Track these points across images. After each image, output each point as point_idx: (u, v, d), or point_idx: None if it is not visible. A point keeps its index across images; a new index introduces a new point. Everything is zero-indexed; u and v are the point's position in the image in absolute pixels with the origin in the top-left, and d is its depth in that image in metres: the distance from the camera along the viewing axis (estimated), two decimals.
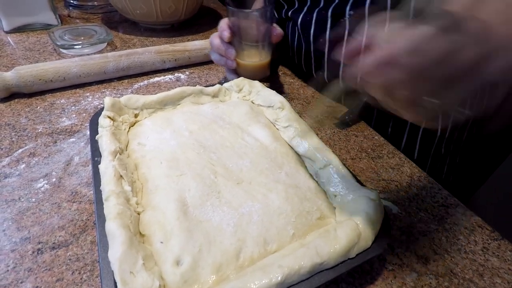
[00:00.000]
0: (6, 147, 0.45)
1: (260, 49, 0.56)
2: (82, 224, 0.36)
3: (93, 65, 0.60)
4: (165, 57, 0.66)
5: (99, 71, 0.60)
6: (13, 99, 0.54)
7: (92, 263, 0.32)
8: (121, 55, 0.62)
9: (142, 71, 0.65)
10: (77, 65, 0.58)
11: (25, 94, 0.55)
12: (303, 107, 0.59)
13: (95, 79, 0.61)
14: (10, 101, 0.54)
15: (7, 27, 0.75)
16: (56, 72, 0.57)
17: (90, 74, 0.59)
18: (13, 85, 0.54)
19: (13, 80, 0.53)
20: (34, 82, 0.55)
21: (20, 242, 0.33)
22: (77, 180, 0.41)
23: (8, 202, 0.37)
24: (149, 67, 0.65)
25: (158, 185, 0.35)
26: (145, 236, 0.31)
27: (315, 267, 0.27)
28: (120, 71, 0.62)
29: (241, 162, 0.39)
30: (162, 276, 0.27)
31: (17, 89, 0.54)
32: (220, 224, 0.32)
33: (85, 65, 0.59)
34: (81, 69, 0.58)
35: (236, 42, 0.55)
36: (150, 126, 0.44)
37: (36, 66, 0.56)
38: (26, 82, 0.54)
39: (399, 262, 0.35)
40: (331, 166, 0.38)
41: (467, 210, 0.41)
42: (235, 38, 0.55)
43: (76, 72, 0.58)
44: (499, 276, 0.34)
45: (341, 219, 0.34)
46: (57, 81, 0.57)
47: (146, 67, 0.65)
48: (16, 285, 0.30)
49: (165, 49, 0.66)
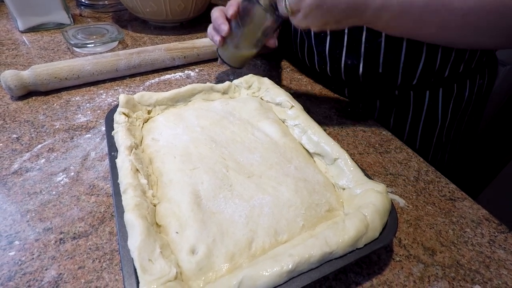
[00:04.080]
0: (26, 142, 0.47)
1: (253, 43, 0.55)
2: (101, 215, 0.38)
3: (105, 63, 0.61)
4: (175, 55, 0.67)
5: (112, 69, 0.62)
6: (31, 97, 0.57)
7: (111, 252, 0.34)
8: (132, 53, 0.64)
9: (153, 68, 0.66)
10: (90, 63, 0.60)
11: (41, 92, 0.57)
12: (312, 103, 0.60)
13: (107, 77, 0.62)
14: (28, 99, 0.56)
15: (22, 26, 0.77)
16: (71, 70, 0.58)
17: (103, 71, 0.61)
18: (30, 84, 0.55)
19: (30, 79, 0.55)
20: (50, 80, 0.57)
21: (43, 232, 0.35)
22: (94, 174, 0.43)
23: (31, 194, 0.39)
24: (159, 64, 0.67)
25: (172, 179, 0.37)
26: (161, 226, 0.32)
27: (325, 256, 0.29)
28: (132, 69, 0.64)
29: (252, 156, 0.40)
30: (179, 264, 0.29)
31: (34, 87, 0.56)
32: (232, 215, 0.33)
33: (98, 63, 0.61)
34: (94, 67, 0.60)
35: (235, 25, 0.53)
36: (163, 122, 0.45)
37: (51, 64, 0.58)
38: (43, 81, 0.56)
39: (406, 253, 0.36)
40: (339, 160, 0.39)
41: (474, 203, 0.42)
42: (236, 20, 0.52)
43: (90, 70, 0.60)
44: (505, 268, 0.35)
45: (349, 212, 0.35)
46: (72, 79, 0.59)
47: (156, 64, 0.66)
48: (41, 272, 0.32)
49: (174, 47, 0.68)
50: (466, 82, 0.60)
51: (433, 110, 0.61)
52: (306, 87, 0.65)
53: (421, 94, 0.60)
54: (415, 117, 0.62)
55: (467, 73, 0.60)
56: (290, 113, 0.48)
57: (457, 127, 0.65)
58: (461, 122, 0.65)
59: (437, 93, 0.59)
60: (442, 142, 0.65)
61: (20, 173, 0.42)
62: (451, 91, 0.60)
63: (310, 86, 0.66)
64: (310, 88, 0.65)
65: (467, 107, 0.63)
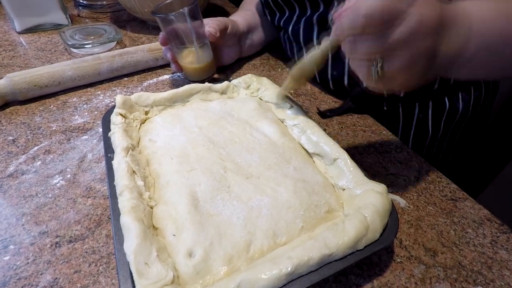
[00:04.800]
0: (22, 144, 0.46)
1: (196, 49, 0.57)
2: (97, 218, 0.37)
3: (87, 67, 0.59)
4: (157, 55, 0.66)
5: (94, 73, 0.60)
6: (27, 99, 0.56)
7: (107, 255, 0.33)
8: (114, 55, 0.62)
9: (136, 69, 0.65)
10: (71, 68, 0.58)
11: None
12: (311, 103, 0.60)
13: (90, 81, 0.61)
14: (24, 101, 0.55)
15: (19, 27, 0.77)
16: (51, 76, 0.56)
17: (85, 76, 0.59)
18: (7, 93, 0.52)
19: (6, 88, 0.52)
20: (29, 88, 0.54)
21: (39, 236, 0.35)
22: (91, 176, 0.42)
23: (26, 197, 0.39)
24: (143, 65, 0.65)
25: (170, 180, 0.36)
26: (158, 229, 0.32)
27: (324, 258, 0.28)
28: (115, 71, 0.62)
29: (250, 157, 0.40)
30: (176, 267, 0.28)
31: (11, 97, 0.53)
32: (230, 217, 0.33)
33: (79, 67, 0.58)
34: (76, 72, 0.58)
35: (173, 46, 0.58)
36: (160, 123, 0.45)
37: (29, 72, 0.55)
38: (21, 89, 0.53)
39: (407, 254, 0.35)
40: (339, 160, 0.39)
41: (476, 203, 0.41)
42: (171, 42, 0.57)
43: (71, 76, 0.57)
44: (507, 269, 0.34)
45: (349, 213, 0.34)
46: (52, 85, 0.56)
47: (140, 65, 0.65)
48: (36, 276, 0.31)
49: (156, 47, 0.67)
50: (458, 94, 0.59)
51: (424, 122, 0.60)
52: (305, 86, 0.65)
53: (411, 106, 0.59)
54: (406, 124, 0.61)
55: (458, 86, 0.59)
56: (289, 113, 0.48)
57: (450, 138, 0.65)
58: (455, 133, 0.65)
59: (427, 105, 0.58)
60: (433, 153, 0.65)
61: (15, 176, 0.42)
62: (442, 103, 0.59)
63: (310, 86, 0.65)
64: (310, 88, 0.65)
65: (462, 119, 0.62)
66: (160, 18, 0.53)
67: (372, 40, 0.28)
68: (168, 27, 0.54)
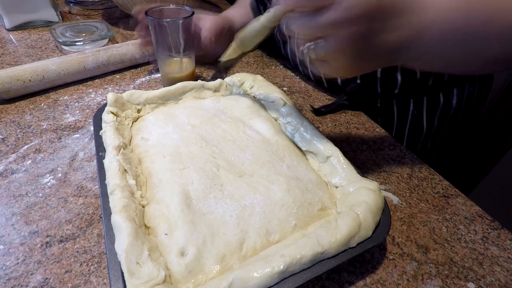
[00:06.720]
0: (12, 143, 0.46)
1: (180, 59, 0.56)
2: (89, 217, 0.37)
3: (71, 61, 0.58)
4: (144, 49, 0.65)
5: (79, 67, 0.59)
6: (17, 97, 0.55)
7: (99, 255, 0.33)
8: (99, 49, 0.62)
9: (123, 65, 0.64)
10: (55, 63, 0.57)
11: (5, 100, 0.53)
12: (304, 100, 0.60)
13: (78, 78, 0.60)
14: (14, 99, 0.54)
15: (8, 24, 0.76)
16: (34, 71, 0.55)
17: (70, 71, 0.58)
18: None
19: None
20: (12, 83, 0.52)
21: (29, 236, 0.34)
22: (82, 175, 0.42)
23: (16, 197, 0.38)
24: (129, 59, 0.65)
25: (162, 179, 0.36)
26: (150, 228, 0.31)
27: (317, 256, 0.28)
28: (102, 66, 0.61)
29: (243, 155, 0.40)
30: (168, 267, 0.28)
31: None
32: (223, 216, 0.32)
33: (63, 62, 0.58)
34: (60, 66, 0.57)
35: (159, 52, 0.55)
36: (152, 121, 0.44)
37: (13, 68, 0.54)
38: (4, 84, 0.52)
39: (400, 251, 0.35)
40: (332, 158, 0.39)
41: (467, 200, 0.42)
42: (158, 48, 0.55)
43: (55, 70, 0.56)
44: (498, 265, 0.35)
45: (342, 210, 0.34)
46: (36, 80, 0.55)
47: (126, 60, 0.64)
48: (26, 276, 0.31)
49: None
50: (453, 90, 0.59)
51: (418, 118, 0.60)
52: (299, 84, 0.65)
53: (405, 102, 0.59)
54: (400, 121, 0.61)
55: (453, 81, 0.59)
56: (283, 110, 0.48)
57: (444, 134, 0.65)
58: (449, 130, 0.65)
59: (422, 101, 0.59)
60: (427, 149, 0.65)
61: (5, 175, 0.41)
62: (437, 99, 0.59)
63: (304, 84, 0.65)
64: (304, 85, 0.65)
65: (455, 114, 0.62)
66: (153, 22, 0.51)
67: (305, 20, 0.29)
68: (158, 32, 0.52)
